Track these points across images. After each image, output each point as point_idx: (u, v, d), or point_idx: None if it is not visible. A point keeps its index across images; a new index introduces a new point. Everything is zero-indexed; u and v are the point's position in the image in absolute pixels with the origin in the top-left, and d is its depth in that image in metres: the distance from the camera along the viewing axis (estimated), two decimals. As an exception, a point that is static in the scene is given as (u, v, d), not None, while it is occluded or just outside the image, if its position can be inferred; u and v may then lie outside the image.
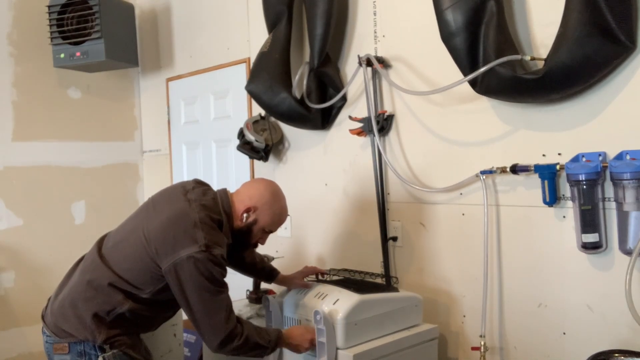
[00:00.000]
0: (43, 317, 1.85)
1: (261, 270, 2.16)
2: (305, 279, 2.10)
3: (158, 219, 1.77)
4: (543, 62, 1.77)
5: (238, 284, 2.28)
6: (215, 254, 1.69)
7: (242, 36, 3.01)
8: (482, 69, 1.83)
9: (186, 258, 1.66)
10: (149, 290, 1.76)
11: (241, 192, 1.90)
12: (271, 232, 1.93)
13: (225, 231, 1.80)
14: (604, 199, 1.75)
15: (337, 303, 1.85)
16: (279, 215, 1.92)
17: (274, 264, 2.26)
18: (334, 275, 2.30)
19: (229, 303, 1.73)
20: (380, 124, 2.33)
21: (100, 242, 1.90)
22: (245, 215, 1.85)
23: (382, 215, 2.37)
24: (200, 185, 1.91)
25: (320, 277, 2.18)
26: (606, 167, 1.70)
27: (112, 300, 1.74)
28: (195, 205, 1.76)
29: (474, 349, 2.05)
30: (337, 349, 1.81)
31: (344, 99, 2.52)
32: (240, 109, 3.06)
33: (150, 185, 3.76)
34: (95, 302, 1.73)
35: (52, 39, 3.15)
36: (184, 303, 1.71)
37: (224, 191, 1.90)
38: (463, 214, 2.15)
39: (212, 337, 1.70)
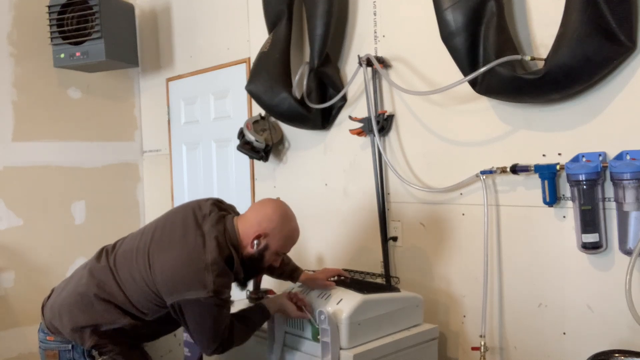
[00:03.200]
0: (43, 307, 1.86)
1: (284, 269, 2.08)
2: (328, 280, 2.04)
3: (168, 253, 1.72)
4: (543, 62, 1.77)
5: (235, 288, 2.27)
6: (223, 298, 1.69)
7: (242, 36, 3.01)
8: (482, 69, 1.83)
9: (192, 300, 1.65)
10: (151, 315, 1.78)
11: (249, 218, 1.82)
12: (284, 253, 1.90)
13: (236, 266, 1.76)
14: (604, 199, 1.75)
15: (341, 303, 1.85)
16: (290, 237, 1.86)
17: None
18: (353, 276, 2.28)
19: (226, 326, 1.75)
20: (380, 124, 2.33)
21: (108, 252, 1.87)
22: (255, 242, 1.78)
23: (382, 215, 2.37)
24: (215, 209, 1.83)
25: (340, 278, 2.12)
26: (606, 167, 1.70)
27: (111, 315, 1.74)
28: (209, 242, 1.71)
29: (474, 349, 2.05)
30: (341, 348, 1.81)
31: (344, 99, 2.52)
32: (240, 109, 3.06)
33: (150, 185, 3.76)
34: (92, 314, 1.74)
35: (52, 39, 3.15)
36: (185, 328, 1.76)
37: (231, 220, 1.81)
38: (463, 214, 2.15)
39: (205, 348, 1.76)
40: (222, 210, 1.86)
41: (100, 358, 1.74)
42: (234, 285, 1.83)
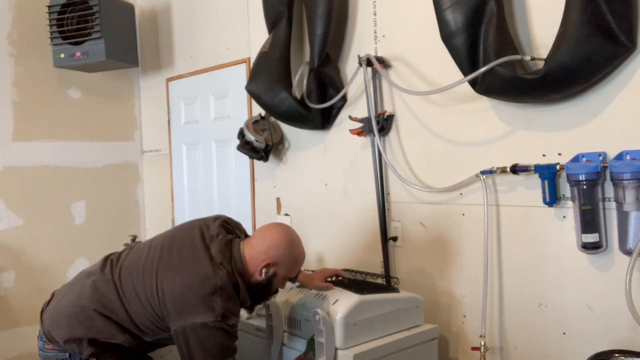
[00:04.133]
0: (42, 313, 1.85)
1: None
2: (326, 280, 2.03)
3: (177, 275, 1.70)
4: (543, 62, 1.77)
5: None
6: (230, 324, 1.67)
7: (242, 36, 3.01)
8: (482, 69, 1.83)
9: (200, 325, 1.63)
10: (151, 336, 1.76)
11: (255, 245, 1.79)
12: (291, 277, 1.90)
13: (242, 294, 1.75)
14: (604, 199, 1.75)
15: (337, 303, 1.85)
16: (298, 263, 1.85)
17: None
18: (352, 276, 2.28)
19: (232, 358, 1.71)
20: (380, 124, 2.33)
21: (113, 263, 1.84)
22: (264, 271, 1.76)
23: (382, 215, 2.37)
24: (223, 231, 1.82)
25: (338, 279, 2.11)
26: (606, 167, 1.70)
27: (110, 331, 1.73)
28: (218, 267, 1.70)
29: (474, 349, 2.05)
30: (336, 349, 1.81)
31: (344, 99, 2.52)
32: (240, 109, 3.06)
33: (150, 185, 3.76)
34: (90, 327, 1.73)
35: (52, 39, 3.15)
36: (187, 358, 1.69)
37: (238, 246, 1.79)
38: (463, 214, 2.15)
39: None
40: (228, 232, 1.85)
41: None
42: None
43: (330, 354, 1.79)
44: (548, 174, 1.83)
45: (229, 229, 1.87)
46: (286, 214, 2.85)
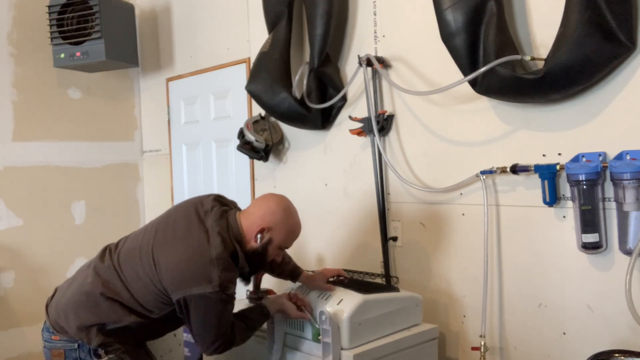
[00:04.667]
0: (47, 307, 1.86)
1: (284, 268, 2.08)
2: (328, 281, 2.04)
3: (173, 249, 1.73)
4: (543, 62, 1.77)
5: (238, 283, 2.27)
6: (228, 293, 1.69)
7: (242, 36, 3.01)
8: (482, 69, 1.83)
9: (198, 295, 1.66)
10: (157, 313, 1.78)
11: (252, 213, 1.83)
12: (286, 248, 1.90)
13: (241, 261, 1.77)
14: (604, 199, 1.75)
15: (342, 303, 1.85)
16: (293, 231, 1.87)
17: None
18: (353, 276, 2.28)
19: (229, 324, 1.75)
20: (380, 124, 2.33)
21: (111, 251, 1.86)
22: (259, 236, 1.79)
23: (382, 215, 2.37)
24: (218, 204, 1.84)
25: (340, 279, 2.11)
26: (606, 167, 1.70)
27: (117, 314, 1.74)
28: (213, 238, 1.71)
29: (474, 349, 2.05)
30: (342, 349, 1.81)
31: (344, 99, 2.52)
32: (240, 109, 3.06)
33: (150, 185, 3.76)
34: (98, 313, 1.74)
35: (52, 39, 3.15)
36: (188, 325, 1.75)
37: (234, 216, 1.82)
38: (463, 214, 2.15)
39: (207, 346, 1.75)
40: (223, 205, 1.87)
41: (107, 357, 1.74)
42: (237, 282, 1.83)
43: (337, 354, 1.79)
44: (548, 174, 1.83)
45: (224, 202, 1.90)
46: (286, 214, 2.85)
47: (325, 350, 1.80)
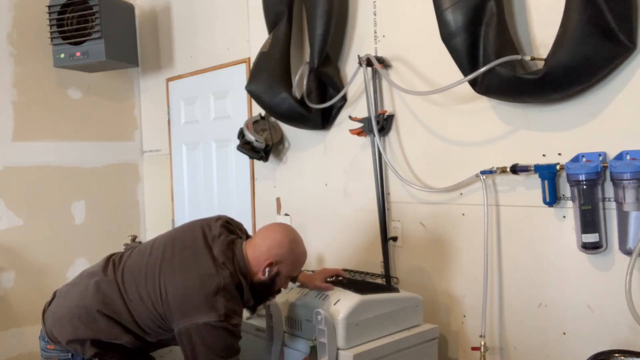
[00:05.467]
0: (44, 313, 1.85)
1: None
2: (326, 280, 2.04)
3: (180, 277, 1.71)
4: (543, 62, 1.77)
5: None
6: (233, 323, 1.67)
7: (242, 36, 3.01)
8: (482, 69, 1.83)
9: (203, 324, 1.64)
10: (154, 336, 1.77)
11: (258, 245, 1.81)
12: (294, 276, 1.91)
13: (246, 294, 1.76)
14: (604, 199, 1.75)
15: (338, 303, 1.85)
16: (300, 261, 1.87)
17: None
18: (352, 276, 2.28)
19: (235, 357, 1.71)
20: (380, 124, 2.33)
21: (115, 264, 1.84)
22: (267, 270, 1.78)
23: (382, 215, 2.37)
24: (225, 232, 1.83)
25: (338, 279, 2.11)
26: (606, 167, 1.70)
27: (113, 333, 1.73)
28: (221, 267, 1.71)
29: (474, 349, 2.05)
30: (338, 349, 1.81)
31: (344, 99, 2.52)
32: (240, 109, 3.06)
33: (150, 185, 3.76)
34: (94, 328, 1.73)
35: (52, 39, 3.15)
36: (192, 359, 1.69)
37: (240, 247, 1.80)
38: (463, 214, 2.15)
39: None
40: (230, 232, 1.86)
41: None
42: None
43: (333, 354, 1.79)
44: (548, 174, 1.83)
45: (231, 229, 1.88)
46: (286, 214, 2.86)
47: (321, 351, 1.80)
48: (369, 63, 2.31)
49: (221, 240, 1.78)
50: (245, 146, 2.74)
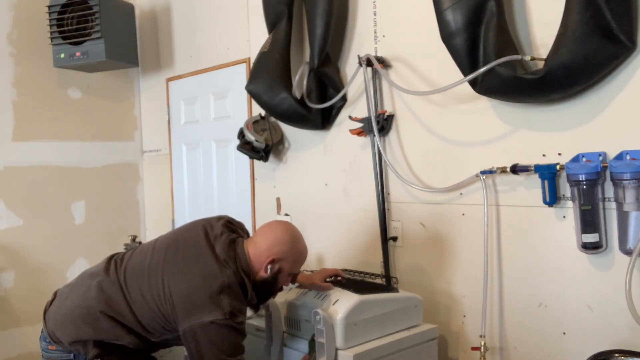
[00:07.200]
0: (45, 313, 1.84)
1: None
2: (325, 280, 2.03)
3: (183, 277, 1.71)
4: (543, 62, 1.77)
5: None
6: (238, 321, 1.67)
7: (242, 36, 3.01)
8: (482, 69, 1.83)
9: (208, 323, 1.64)
10: (157, 336, 1.76)
11: (259, 242, 1.81)
12: (296, 272, 1.91)
13: (249, 293, 1.76)
14: (604, 199, 1.75)
15: (337, 303, 1.85)
16: (300, 257, 1.87)
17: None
18: (351, 276, 2.28)
19: (240, 355, 1.71)
20: (380, 124, 2.33)
21: (117, 264, 1.83)
22: (269, 267, 1.78)
23: (382, 215, 2.37)
24: (227, 231, 1.83)
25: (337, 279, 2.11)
26: (606, 167, 1.70)
27: (116, 333, 1.73)
28: (224, 266, 1.71)
29: (474, 349, 2.05)
30: (337, 349, 1.81)
31: (344, 99, 2.52)
32: (240, 109, 3.06)
33: (150, 185, 3.76)
34: (97, 329, 1.73)
35: (52, 39, 3.15)
36: (197, 358, 1.69)
37: (242, 245, 1.80)
38: (463, 214, 2.15)
39: None
40: (232, 231, 1.86)
41: None
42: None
43: (331, 354, 1.79)
44: (548, 174, 1.83)
45: (232, 228, 1.88)
46: (286, 214, 2.86)
47: (320, 351, 1.80)
48: (369, 63, 2.31)
49: (223, 239, 1.78)
50: (245, 146, 2.74)
